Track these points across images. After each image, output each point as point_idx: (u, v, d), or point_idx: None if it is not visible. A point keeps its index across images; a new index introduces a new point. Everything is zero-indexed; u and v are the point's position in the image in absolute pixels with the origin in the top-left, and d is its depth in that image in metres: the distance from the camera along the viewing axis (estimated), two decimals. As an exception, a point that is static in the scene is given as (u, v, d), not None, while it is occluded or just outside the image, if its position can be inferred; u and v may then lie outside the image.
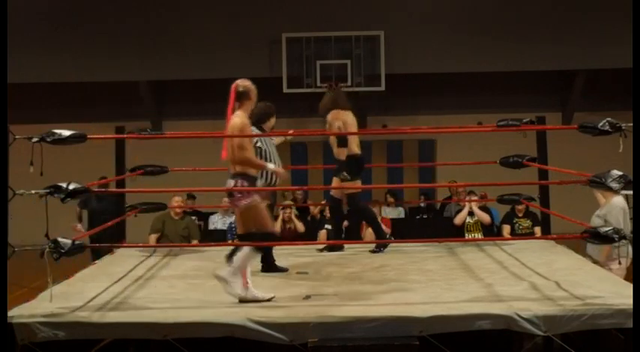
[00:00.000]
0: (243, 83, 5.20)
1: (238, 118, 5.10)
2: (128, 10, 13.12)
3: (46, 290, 4.95)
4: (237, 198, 5.07)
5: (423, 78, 13.18)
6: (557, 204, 7.47)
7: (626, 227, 6.66)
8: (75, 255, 4.84)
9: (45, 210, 4.78)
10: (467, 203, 8.90)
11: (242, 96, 5.17)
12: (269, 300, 4.90)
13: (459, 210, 9.15)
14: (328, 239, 8.23)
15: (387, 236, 7.96)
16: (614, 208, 6.72)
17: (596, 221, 6.79)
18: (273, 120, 6.32)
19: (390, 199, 11.67)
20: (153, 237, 8.11)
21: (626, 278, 5.58)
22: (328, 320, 4.46)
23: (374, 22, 12.90)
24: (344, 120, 6.95)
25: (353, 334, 4.41)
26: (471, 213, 8.82)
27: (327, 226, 9.22)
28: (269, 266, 6.04)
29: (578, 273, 5.64)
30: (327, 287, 5.37)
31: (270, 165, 5.45)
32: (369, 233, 9.45)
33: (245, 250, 4.99)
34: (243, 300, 4.85)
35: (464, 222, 8.80)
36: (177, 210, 8.12)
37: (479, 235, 8.66)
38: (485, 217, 8.77)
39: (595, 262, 6.38)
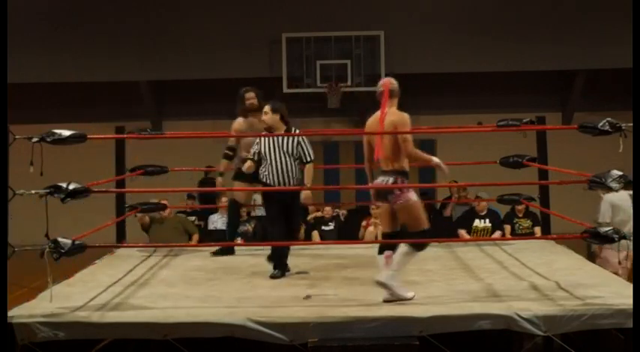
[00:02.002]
0: (393, 80, 5.18)
1: (404, 115, 5.05)
2: (128, 10, 13.12)
3: (46, 290, 4.95)
4: (396, 195, 4.92)
5: (423, 78, 13.17)
6: (557, 204, 7.47)
7: (613, 220, 7.05)
8: (75, 255, 4.84)
9: (45, 210, 4.78)
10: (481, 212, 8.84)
11: (394, 94, 5.13)
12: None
13: (468, 211, 9.09)
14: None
15: None
16: (603, 203, 7.22)
17: (598, 218, 7.20)
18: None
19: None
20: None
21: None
22: (328, 320, 4.46)
23: (374, 22, 12.90)
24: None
25: (353, 334, 4.41)
26: (480, 217, 8.79)
27: (324, 227, 9.24)
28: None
29: (578, 273, 5.64)
30: (327, 288, 5.37)
31: (436, 159, 5.13)
32: (368, 232, 9.48)
33: (403, 250, 4.87)
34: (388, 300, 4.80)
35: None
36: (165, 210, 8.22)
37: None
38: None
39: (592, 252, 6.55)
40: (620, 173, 4.93)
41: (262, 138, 6.09)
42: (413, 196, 4.96)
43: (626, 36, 9.19)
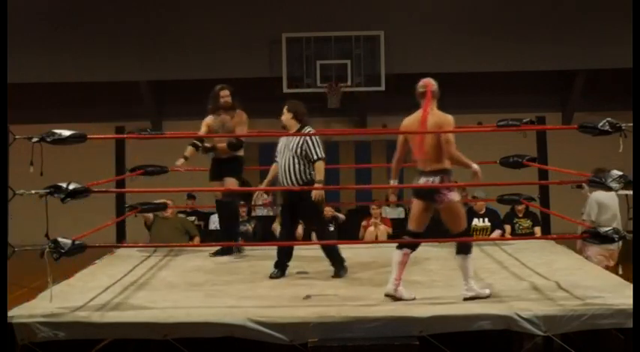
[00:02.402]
0: (434, 81, 5.25)
1: (449, 116, 5.12)
2: (128, 10, 13.11)
3: (46, 290, 4.95)
4: (443, 195, 4.94)
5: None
6: (557, 204, 7.47)
7: (599, 218, 7.29)
8: (75, 255, 4.84)
9: (45, 210, 4.78)
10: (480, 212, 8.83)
11: (435, 95, 5.19)
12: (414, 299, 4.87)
13: (467, 211, 9.09)
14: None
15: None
16: (590, 201, 7.41)
17: (583, 215, 7.45)
18: None
19: (393, 199, 11.64)
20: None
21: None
22: (328, 320, 4.46)
23: (374, 22, 12.89)
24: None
25: (353, 334, 4.41)
26: (479, 216, 8.78)
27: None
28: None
29: (578, 273, 5.64)
30: (327, 288, 5.37)
31: (475, 165, 5.13)
32: (369, 233, 9.48)
33: (459, 259, 4.94)
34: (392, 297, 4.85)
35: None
36: (167, 210, 8.22)
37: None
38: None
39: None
40: (620, 173, 4.93)
41: (282, 139, 6.13)
42: (457, 196, 5.03)
43: (626, 36, 9.19)
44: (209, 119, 7.02)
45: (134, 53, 13.08)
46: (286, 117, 6.05)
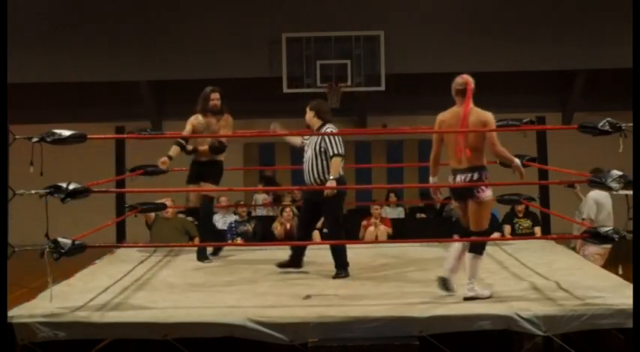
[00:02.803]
0: (471, 78, 5.24)
1: (490, 113, 5.09)
2: (128, 10, 13.11)
3: (46, 290, 4.95)
4: (482, 191, 4.94)
5: (423, 78, 13.16)
6: (557, 204, 7.47)
7: (597, 218, 7.44)
8: (75, 255, 4.84)
9: (45, 210, 4.78)
10: None
11: (473, 91, 5.15)
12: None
13: None
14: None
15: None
16: (587, 201, 7.50)
17: (577, 214, 7.58)
18: None
19: (393, 199, 11.67)
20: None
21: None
22: (328, 320, 4.46)
23: (374, 22, 12.88)
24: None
25: (353, 334, 4.41)
26: None
27: (325, 229, 9.21)
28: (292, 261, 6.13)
29: (578, 273, 5.64)
30: (327, 288, 5.37)
31: (517, 160, 5.15)
32: (369, 233, 9.48)
33: (470, 257, 4.94)
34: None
35: None
36: (168, 210, 8.21)
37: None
38: None
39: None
40: (620, 173, 4.94)
41: (309, 137, 6.15)
42: (491, 196, 5.01)
43: (626, 36, 9.19)
44: (194, 119, 6.82)
45: (134, 53, 13.07)
46: (309, 115, 6.12)
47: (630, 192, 6.02)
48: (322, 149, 5.96)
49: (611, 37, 12.53)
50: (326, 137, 5.96)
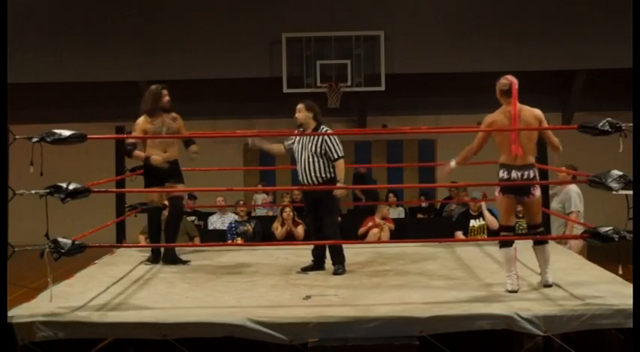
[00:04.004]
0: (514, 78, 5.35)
1: (537, 109, 5.30)
2: (128, 10, 13.12)
3: (46, 290, 4.95)
4: (535, 188, 5.12)
5: (423, 78, 13.17)
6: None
7: (572, 206, 7.54)
8: (75, 255, 4.84)
9: (45, 210, 4.78)
10: (480, 214, 8.82)
11: (517, 91, 5.34)
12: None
13: (462, 214, 9.08)
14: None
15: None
16: (571, 193, 7.52)
17: (556, 207, 7.56)
18: None
19: (393, 199, 11.67)
20: (142, 237, 8.36)
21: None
22: (328, 320, 4.46)
23: (374, 22, 12.89)
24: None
25: (353, 334, 4.41)
26: (476, 217, 8.77)
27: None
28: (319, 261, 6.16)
29: (578, 273, 5.65)
30: (327, 288, 5.37)
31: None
32: (372, 234, 9.46)
33: (538, 249, 5.20)
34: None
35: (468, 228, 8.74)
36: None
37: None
38: (493, 222, 8.70)
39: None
40: (620, 173, 4.94)
41: (294, 138, 6.15)
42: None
43: (626, 36, 9.20)
44: (143, 122, 6.42)
45: (134, 53, 13.08)
46: (305, 115, 6.08)
47: (630, 192, 6.02)
48: (323, 151, 5.96)
49: (611, 37, 12.54)
50: (327, 139, 5.96)
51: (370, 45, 12.87)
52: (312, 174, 6.00)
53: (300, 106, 6.11)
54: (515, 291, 5.01)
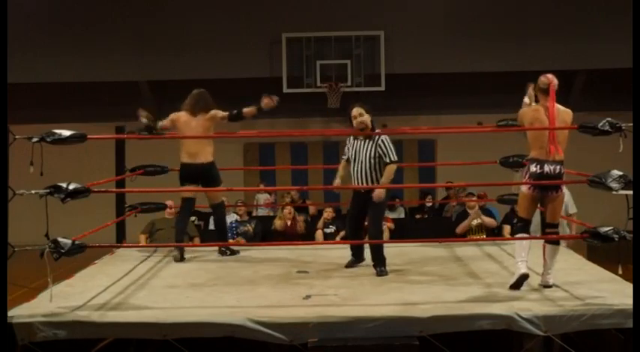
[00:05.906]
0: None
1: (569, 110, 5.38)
2: (128, 10, 13.12)
3: (46, 290, 4.95)
4: (561, 186, 5.19)
5: (423, 78, 13.17)
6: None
7: (572, 207, 7.75)
8: (75, 255, 4.84)
9: (45, 210, 4.78)
10: (471, 211, 8.80)
11: (555, 91, 5.46)
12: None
13: (461, 213, 9.09)
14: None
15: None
16: (568, 195, 7.44)
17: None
18: None
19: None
20: (142, 237, 8.37)
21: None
22: (328, 320, 4.46)
23: (374, 22, 12.90)
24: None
25: (353, 334, 4.41)
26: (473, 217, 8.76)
27: (326, 229, 9.22)
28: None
29: (578, 273, 5.65)
30: (327, 288, 5.37)
31: None
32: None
33: (549, 247, 5.26)
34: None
35: (466, 230, 8.73)
36: (170, 210, 8.21)
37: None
38: (491, 222, 8.72)
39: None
40: (620, 173, 4.94)
41: (351, 141, 6.22)
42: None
43: (626, 36, 9.20)
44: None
45: (134, 53, 13.08)
46: (367, 119, 6.15)
47: (630, 192, 6.03)
48: (378, 154, 5.96)
49: (611, 37, 12.54)
50: (382, 144, 5.98)
51: (370, 45, 12.88)
52: (373, 178, 5.93)
53: (359, 110, 6.18)
54: (527, 275, 5.05)
